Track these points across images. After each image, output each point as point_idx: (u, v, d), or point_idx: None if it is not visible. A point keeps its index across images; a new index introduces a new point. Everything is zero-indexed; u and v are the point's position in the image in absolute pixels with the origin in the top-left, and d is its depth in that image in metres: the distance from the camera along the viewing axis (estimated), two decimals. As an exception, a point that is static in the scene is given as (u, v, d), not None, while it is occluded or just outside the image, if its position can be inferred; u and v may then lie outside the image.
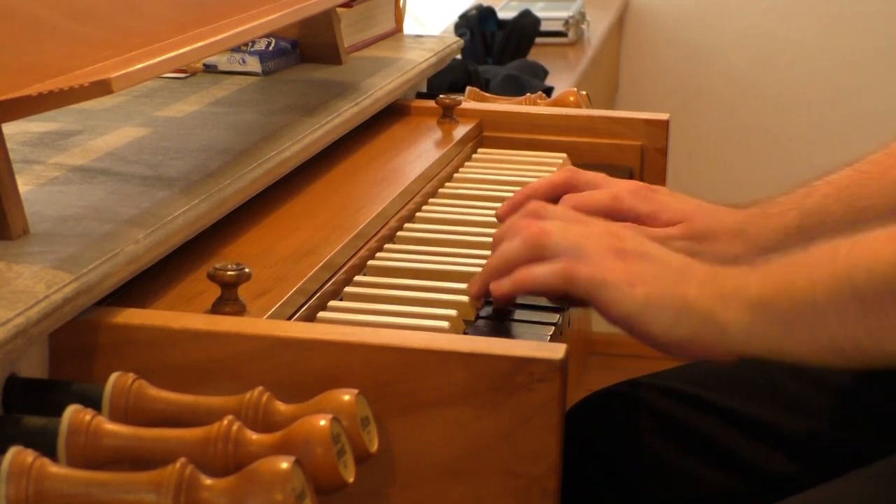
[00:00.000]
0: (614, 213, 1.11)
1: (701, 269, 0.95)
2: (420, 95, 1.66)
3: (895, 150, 1.13)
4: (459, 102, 1.45)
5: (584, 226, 1.00)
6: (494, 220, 1.17)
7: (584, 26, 2.76)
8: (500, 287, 0.98)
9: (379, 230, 1.12)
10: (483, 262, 1.06)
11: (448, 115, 1.44)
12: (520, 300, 1.02)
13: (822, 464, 1.08)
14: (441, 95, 1.46)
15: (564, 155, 1.41)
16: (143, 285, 0.93)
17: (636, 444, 1.11)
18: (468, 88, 1.58)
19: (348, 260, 1.05)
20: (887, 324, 0.85)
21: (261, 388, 0.76)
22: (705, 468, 1.10)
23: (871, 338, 0.86)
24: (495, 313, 1.01)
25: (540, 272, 0.96)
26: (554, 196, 1.13)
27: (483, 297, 1.00)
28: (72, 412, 0.72)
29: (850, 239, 0.89)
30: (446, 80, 1.86)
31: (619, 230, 1.00)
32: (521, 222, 1.00)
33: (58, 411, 0.73)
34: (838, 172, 1.13)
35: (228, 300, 0.89)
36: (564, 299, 1.00)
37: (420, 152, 1.34)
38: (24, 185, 0.96)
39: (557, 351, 0.82)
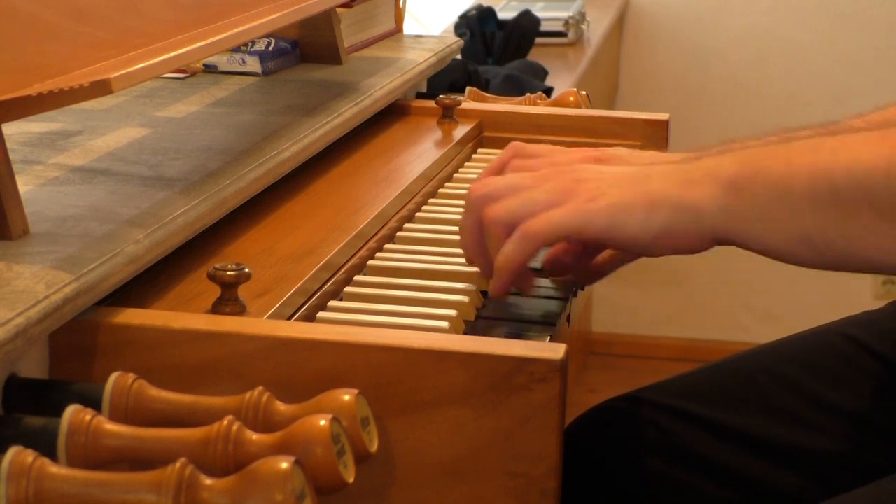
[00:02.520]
0: None
1: (659, 168, 0.94)
2: (420, 95, 1.66)
3: (889, 114, 1.11)
4: (459, 102, 1.45)
5: (531, 175, 0.98)
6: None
7: (584, 26, 2.76)
8: (495, 290, 0.98)
9: (379, 230, 1.12)
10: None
11: (448, 115, 1.44)
12: (519, 301, 1.02)
13: (820, 478, 1.08)
14: (441, 95, 1.46)
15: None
16: (143, 285, 0.93)
17: (635, 460, 1.11)
18: (468, 89, 1.58)
19: (348, 260, 1.05)
20: (859, 225, 0.84)
21: (261, 388, 0.76)
22: (704, 484, 1.10)
23: (842, 236, 0.85)
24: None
25: (508, 251, 0.95)
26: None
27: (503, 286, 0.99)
28: (72, 412, 0.72)
29: (835, 137, 0.88)
30: (446, 80, 1.86)
31: (564, 165, 0.99)
32: (476, 203, 0.99)
33: (58, 411, 0.73)
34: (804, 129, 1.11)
35: (228, 300, 0.89)
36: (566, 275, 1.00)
37: (420, 152, 1.34)
38: (24, 185, 0.96)
39: (557, 351, 0.82)
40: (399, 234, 1.16)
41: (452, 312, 0.96)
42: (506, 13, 2.54)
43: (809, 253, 0.88)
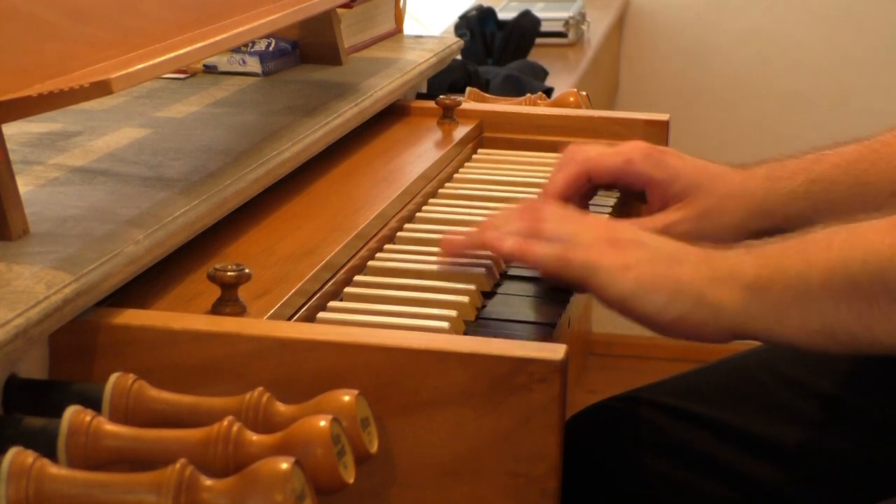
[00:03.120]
0: (627, 177, 1.12)
1: (694, 253, 0.96)
2: (420, 96, 1.66)
3: None
4: (459, 103, 1.45)
5: (579, 217, 1.02)
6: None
7: (584, 27, 2.76)
8: (502, 244, 1.01)
9: (379, 230, 1.12)
10: (482, 261, 1.06)
11: (448, 115, 1.44)
12: (519, 301, 1.02)
13: (818, 475, 1.08)
14: (441, 96, 1.46)
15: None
16: (143, 286, 0.93)
17: (633, 459, 1.11)
18: (468, 89, 1.57)
19: (348, 260, 1.05)
20: (878, 314, 0.87)
21: (261, 388, 0.76)
22: (704, 483, 1.10)
23: (862, 325, 0.88)
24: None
25: (540, 250, 0.99)
26: (578, 190, 1.16)
27: (457, 252, 1.04)
28: (72, 413, 0.72)
29: (847, 227, 0.90)
30: (446, 80, 1.86)
31: (612, 222, 1.01)
32: (517, 213, 1.03)
33: (58, 412, 0.73)
34: (848, 145, 1.14)
35: (228, 301, 0.89)
36: (559, 283, 1.02)
37: (420, 153, 1.34)
38: (24, 185, 0.96)
39: (557, 351, 0.82)
40: (399, 234, 1.16)
41: (452, 312, 0.96)
42: (506, 13, 2.54)
43: (832, 344, 0.91)
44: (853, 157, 1.13)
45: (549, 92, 1.98)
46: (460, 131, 1.41)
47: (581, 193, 1.17)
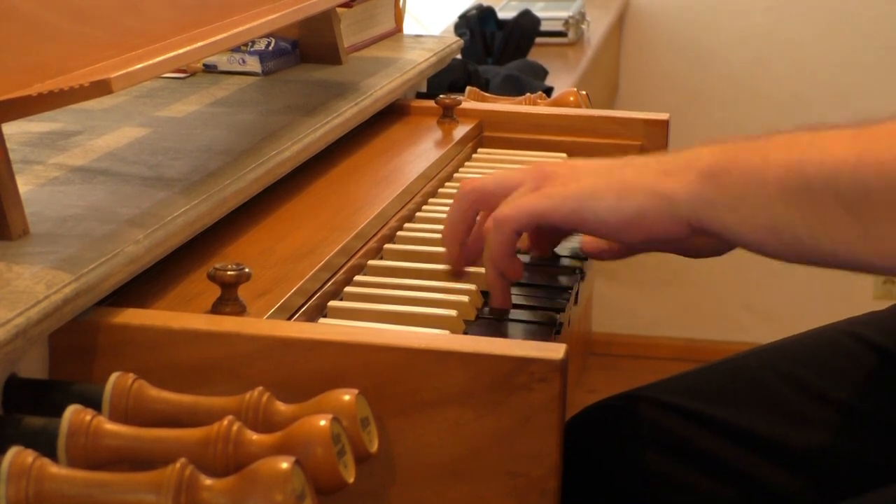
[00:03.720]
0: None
1: (636, 160, 0.97)
2: (420, 95, 1.66)
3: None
4: (459, 102, 1.45)
5: (513, 170, 1.02)
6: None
7: (584, 26, 2.76)
8: (495, 301, 1.01)
9: (379, 230, 1.12)
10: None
11: (448, 115, 1.44)
12: (519, 301, 1.02)
13: (821, 477, 1.08)
14: (441, 95, 1.46)
15: (564, 155, 1.41)
16: (143, 285, 0.93)
17: (633, 458, 1.11)
18: (468, 88, 1.58)
19: (348, 260, 1.05)
20: (826, 219, 0.85)
21: (261, 388, 0.76)
22: (704, 482, 1.10)
23: (808, 229, 0.87)
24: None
25: (491, 243, 0.98)
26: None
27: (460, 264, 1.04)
28: (72, 412, 0.72)
29: (811, 132, 0.89)
30: (446, 80, 1.86)
31: (546, 165, 1.01)
32: (454, 208, 1.04)
33: (58, 411, 0.73)
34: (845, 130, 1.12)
35: (228, 300, 0.89)
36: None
37: (420, 152, 1.34)
38: (24, 185, 0.96)
39: (557, 351, 0.82)
40: (399, 233, 1.16)
41: (452, 312, 0.96)
42: (506, 13, 2.54)
43: (778, 244, 0.89)
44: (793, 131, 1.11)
45: (548, 91, 1.98)
46: (460, 131, 1.41)
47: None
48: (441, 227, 1.17)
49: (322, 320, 0.96)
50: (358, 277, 1.05)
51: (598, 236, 1.00)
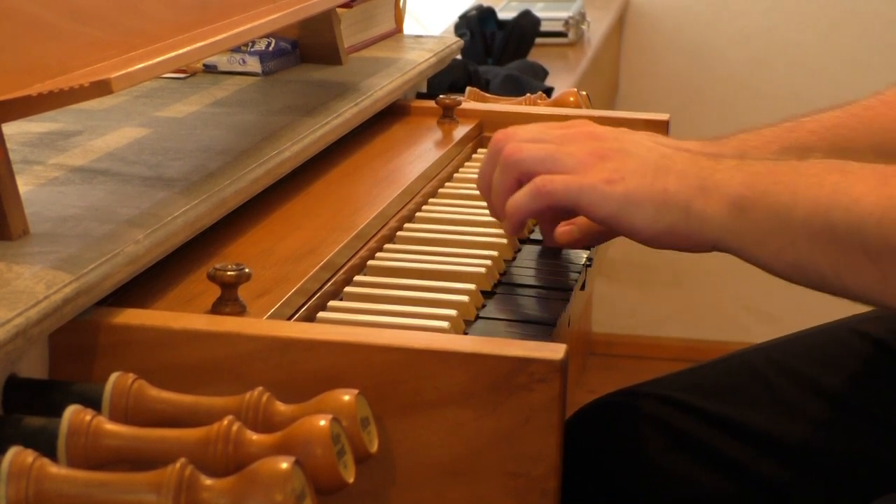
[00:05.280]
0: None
1: (682, 161, 0.96)
2: (420, 96, 1.66)
3: (889, 97, 1.13)
4: (459, 103, 1.45)
5: (561, 130, 1.01)
6: (494, 220, 1.17)
7: (584, 26, 2.76)
8: (506, 231, 1.04)
9: (379, 230, 1.12)
10: (482, 261, 1.06)
11: (448, 115, 1.44)
12: (516, 316, 1.02)
13: (821, 471, 1.08)
14: (441, 96, 1.46)
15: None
16: (143, 286, 0.93)
17: (633, 454, 1.11)
18: (468, 89, 1.57)
19: (348, 260, 1.05)
20: (850, 264, 0.87)
21: (261, 388, 0.76)
22: (704, 477, 1.10)
23: (833, 271, 0.88)
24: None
25: (520, 199, 1.00)
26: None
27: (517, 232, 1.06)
28: (72, 412, 0.72)
29: (842, 169, 0.90)
30: (446, 80, 1.86)
31: (596, 129, 1.01)
32: (499, 143, 1.04)
33: (58, 411, 0.73)
34: (827, 111, 1.13)
35: (228, 300, 0.89)
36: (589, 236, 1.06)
37: (420, 152, 1.34)
38: (24, 185, 0.96)
39: (557, 351, 0.82)
40: (399, 233, 1.16)
41: (452, 312, 0.96)
42: (506, 13, 2.54)
43: (803, 279, 0.91)
44: (831, 123, 1.12)
45: (549, 92, 1.98)
46: (460, 131, 1.41)
47: None
48: (442, 226, 1.17)
49: (321, 319, 0.96)
50: (358, 277, 1.05)
51: (622, 235, 1.00)
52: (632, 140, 0.99)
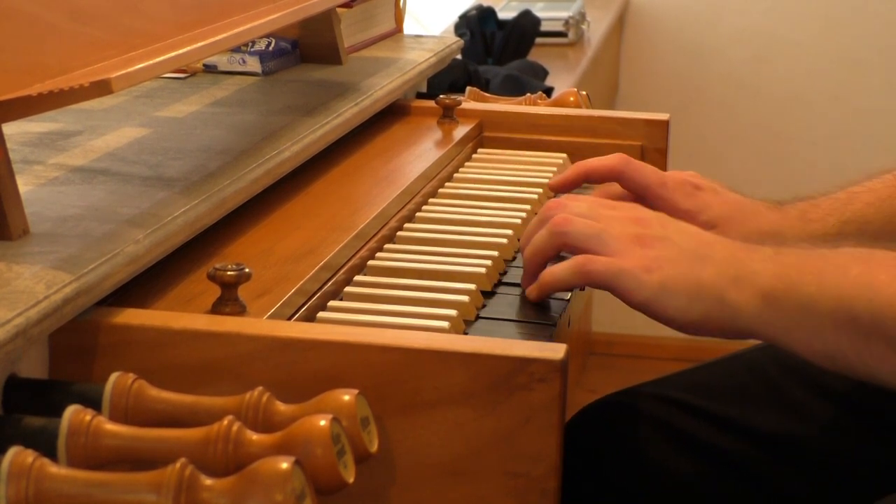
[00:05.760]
0: (655, 199, 1.14)
1: (721, 249, 0.97)
2: (420, 95, 1.66)
3: None
4: (459, 103, 1.45)
5: (610, 211, 1.02)
6: (494, 220, 1.18)
7: (584, 26, 2.76)
8: (531, 294, 1.02)
9: (379, 230, 1.12)
10: (482, 261, 1.06)
11: (448, 115, 1.44)
12: (516, 316, 1.02)
13: (825, 471, 1.08)
14: (441, 95, 1.46)
15: (564, 155, 1.41)
16: (143, 285, 0.93)
17: (634, 453, 1.11)
18: (468, 88, 1.58)
19: (348, 260, 1.05)
20: (876, 353, 0.90)
21: (261, 388, 0.76)
22: (707, 477, 1.10)
23: (860, 360, 0.91)
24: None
25: (559, 272, 1.00)
26: (606, 179, 1.17)
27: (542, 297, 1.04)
28: (72, 412, 0.72)
29: (866, 258, 0.92)
30: (446, 80, 1.86)
31: (643, 215, 1.01)
32: (550, 211, 1.04)
33: (58, 411, 0.73)
34: (879, 179, 1.16)
35: (228, 300, 0.89)
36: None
37: (420, 152, 1.34)
38: (24, 185, 0.96)
39: (557, 351, 0.82)
40: (399, 233, 1.16)
41: (452, 312, 0.96)
42: (506, 13, 2.54)
43: (831, 365, 0.93)
44: (885, 194, 1.14)
45: (549, 92, 1.98)
46: (460, 131, 1.41)
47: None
48: (441, 226, 1.17)
49: (321, 319, 0.96)
50: (358, 277, 1.05)
51: (659, 322, 1.00)
52: (676, 228, 1.00)
